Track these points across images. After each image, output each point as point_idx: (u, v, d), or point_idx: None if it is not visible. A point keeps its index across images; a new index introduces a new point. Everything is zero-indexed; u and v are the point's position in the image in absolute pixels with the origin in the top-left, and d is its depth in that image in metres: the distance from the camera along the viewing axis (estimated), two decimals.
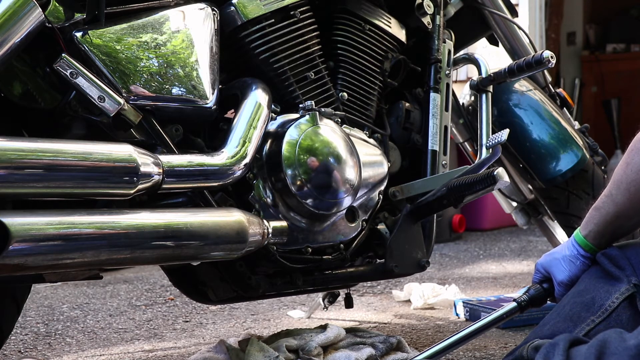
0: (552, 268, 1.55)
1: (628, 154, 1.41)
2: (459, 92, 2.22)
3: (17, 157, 1.26)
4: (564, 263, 1.52)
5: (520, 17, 4.43)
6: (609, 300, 1.38)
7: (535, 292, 1.60)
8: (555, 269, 1.54)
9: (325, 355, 1.83)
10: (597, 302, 1.39)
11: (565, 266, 1.52)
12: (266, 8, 1.72)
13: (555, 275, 1.54)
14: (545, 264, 1.57)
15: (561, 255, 1.53)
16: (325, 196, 1.66)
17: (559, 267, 1.53)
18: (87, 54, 1.45)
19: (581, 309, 1.40)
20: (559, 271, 1.53)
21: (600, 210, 1.47)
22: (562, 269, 1.52)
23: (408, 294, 2.71)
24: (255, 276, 1.71)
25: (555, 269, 1.54)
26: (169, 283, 2.33)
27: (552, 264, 1.55)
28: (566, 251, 1.53)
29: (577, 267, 1.50)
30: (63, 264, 1.31)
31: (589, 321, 1.37)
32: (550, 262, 1.56)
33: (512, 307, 1.62)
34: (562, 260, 1.53)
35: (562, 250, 1.54)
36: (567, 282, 1.52)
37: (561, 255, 1.53)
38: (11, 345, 2.24)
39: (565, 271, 1.52)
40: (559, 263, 1.53)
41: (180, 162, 1.47)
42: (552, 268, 1.55)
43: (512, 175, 2.26)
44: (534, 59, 1.93)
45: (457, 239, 4.36)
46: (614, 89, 6.83)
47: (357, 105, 1.89)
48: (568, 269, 1.51)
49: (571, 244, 1.52)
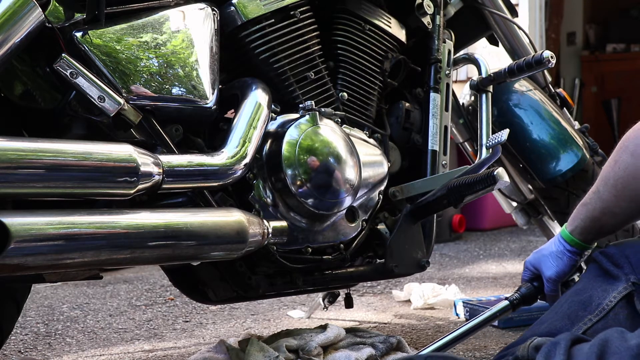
0: (541, 265, 1.57)
1: (616, 152, 1.42)
2: (459, 92, 2.22)
3: (17, 157, 1.26)
4: (551, 259, 1.54)
5: (520, 17, 4.43)
6: (607, 299, 1.38)
7: (526, 290, 1.61)
8: (544, 265, 1.56)
9: (325, 355, 1.83)
10: (595, 300, 1.39)
11: (552, 262, 1.53)
12: (266, 8, 1.72)
13: (544, 272, 1.56)
14: (534, 261, 1.59)
15: (548, 252, 1.55)
16: (325, 196, 1.66)
17: (546, 263, 1.55)
18: (87, 54, 1.45)
19: (579, 308, 1.40)
20: (547, 267, 1.55)
21: (587, 206, 1.48)
22: (549, 265, 1.54)
23: (408, 294, 2.71)
24: (255, 276, 1.71)
25: (543, 266, 1.56)
26: (169, 283, 2.33)
27: (540, 260, 1.57)
28: (553, 247, 1.54)
29: (565, 262, 1.52)
30: (63, 264, 1.31)
31: (587, 320, 1.38)
32: (539, 259, 1.57)
33: (505, 306, 1.64)
34: (549, 257, 1.54)
35: (549, 246, 1.56)
36: (555, 277, 1.53)
37: (548, 251, 1.55)
38: (11, 345, 2.24)
39: (553, 267, 1.53)
40: (546, 259, 1.55)
41: (180, 162, 1.47)
42: (541, 265, 1.57)
43: (512, 175, 2.26)
44: (534, 59, 1.93)
45: (457, 239, 4.36)
46: (614, 89, 6.83)
47: (357, 105, 1.89)
48: (555, 265, 1.53)
49: (558, 240, 1.54)
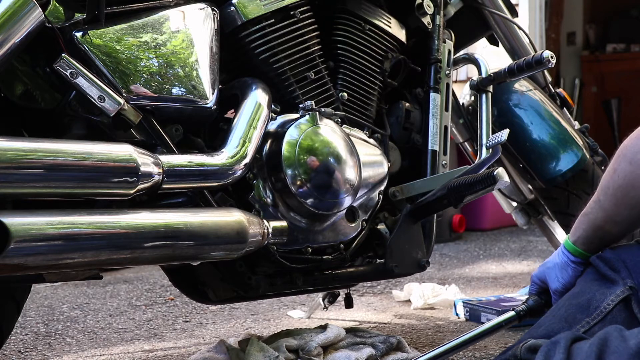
0: (546, 278, 1.57)
1: (615, 160, 1.42)
2: (459, 92, 2.22)
3: (17, 157, 1.26)
4: (556, 272, 1.53)
5: (520, 17, 4.43)
6: (605, 302, 1.38)
7: (533, 303, 1.61)
8: (549, 278, 1.55)
9: (325, 355, 1.83)
10: (593, 304, 1.39)
11: (558, 274, 1.53)
12: (266, 8, 1.72)
13: (550, 285, 1.56)
14: (540, 274, 1.59)
15: (553, 264, 1.55)
16: (325, 196, 1.66)
17: (552, 276, 1.55)
18: (87, 54, 1.45)
19: (576, 311, 1.40)
20: (552, 280, 1.54)
21: (588, 216, 1.48)
22: (555, 277, 1.54)
23: (408, 294, 2.71)
24: (255, 276, 1.71)
25: (549, 279, 1.56)
26: (169, 283, 2.33)
27: (545, 273, 1.57)
28: (557, 259, 1.54)
29: (569, 274, 1.51)
30: (63, 264, 1.31)
31: (584, 323, 1.38)
32: (544, 272, 1.57)
33: (511, 316, 1.63)
34: (554, 269, 1.54)
35: (553, 258, 1.56)
36: (561, 289, 1.53)
37: (553, 263, 1.55)
38: (11, 345, 2.24)
39: (559, 279, 1.53)
40: (551, 272, 1.55)
41: (180, 162, 1.47)
42: (546, 278, 1.57)
43: (512, 175, 2.26)
44: (534, 59, 1.93)
45: (457, 239, 4.36)
46: (614, 89, 6.83)
47: (357, 105, 1.89)
48: (561, 277, 1.52)
49: (561, 251, 1.53)
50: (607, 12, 7.07)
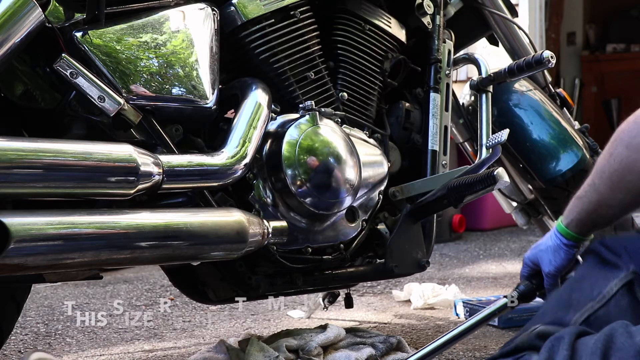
0: (539, 260, 1.57)
1: (611, 144, 1.42)
2: (459, 92, 2.22)
3: (17, 157, 1.26)
4: (549, 254, 1.54)
5: (520, 17, 4.42)
6: (608, 287, 1.38)
7: (524, 288, 1.61)
8: (542, 261, 1.56)
9: (325, 355, 1.84)
10: (596, 288, 1.39)
11: (550, 257, 1.54)
12: (266, 8, 1.72)
13: (543, 268, 1.56)
14: (532, 256, 1.59)
15: (545, 247, 1.55)
16: (325, 196, 1.66)
17: (545, 258, 1.55)
18: (87, 54, 1.45)
19: (580, 296, 1.40)
20: (545, 263, 1.55)
21: (582, 199, 1.48)
22: (548, 260, 1.54)
23: (408, 294, 2.71)
24: (255, 276, 1.71)
25: (541, 261, 1.56)
26: (169, 283, 2.33)
27: (538, 255, 1.57)
28: (549, 242, 1.54)
29: (562, 256, 1.52)
30: (63, 264, 1.31)
31: (589, 307, 1.37)
32: (537, 254, 1.58)
33: (503, 304, 1.63)
34: (546, 252, 1.55)
35: (546, 241, 1.56)
36: (554, 272, 1.54)
37: (545, 246, 1.55)
38: (11, 345, 2.24)
39: (552, 262, 1.53)
40: (544, 255, 1.55)
41: (180, 162, 1.47)
42: (539, 260, 1.57)
43: (512, 175, 2.26)
44: (534, 59, 1.93)
45: (457, 239, 4.36)
46: (614, 89, 6.83)
47: (357, 105, 1.89)
48: (554, 260, 1.53)
49: (554, 234, 1.54)
50: (607, 12, 7.07)
